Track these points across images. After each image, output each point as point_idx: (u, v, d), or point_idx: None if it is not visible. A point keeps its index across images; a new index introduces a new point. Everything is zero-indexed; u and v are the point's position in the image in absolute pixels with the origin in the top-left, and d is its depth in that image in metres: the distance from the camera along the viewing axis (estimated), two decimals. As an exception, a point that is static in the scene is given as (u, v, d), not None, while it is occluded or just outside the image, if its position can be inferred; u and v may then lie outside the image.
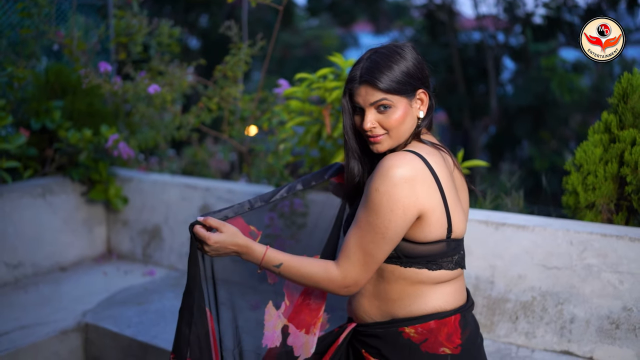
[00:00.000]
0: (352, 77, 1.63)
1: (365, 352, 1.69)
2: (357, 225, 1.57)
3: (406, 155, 1.55)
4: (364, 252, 1.56)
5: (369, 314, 1.70)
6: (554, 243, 2.43)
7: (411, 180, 1.52)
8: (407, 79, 1.60)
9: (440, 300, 1.64)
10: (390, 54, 1.61)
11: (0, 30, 4.14)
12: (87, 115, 3.91)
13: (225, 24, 3.52)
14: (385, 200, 1.52)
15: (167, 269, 3.52)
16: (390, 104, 1.59)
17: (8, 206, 3.32)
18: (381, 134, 1.62)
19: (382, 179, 1.52)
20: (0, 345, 2.55)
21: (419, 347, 1.61)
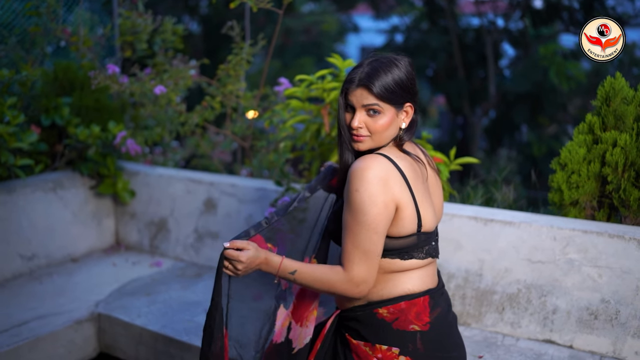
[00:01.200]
0: (350, 78, 1.80)
1: (348, 336, 1.89)
2: (348, 229, 1.73)
3: (375, 157, 1.75)
4: (363, 251, 1.72)
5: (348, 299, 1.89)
6: (538, 238, 2.59)
7: (384, 178, 1.72)
8: (399, 90, 1.77)
9: (409, 284, 1.84)
10: (388, 65, 1.78)
11: (10, 28, 4.27)
12: (95, 111, 4.04)
13: (228, 24, 3.65)
14: (367, 197, 1.69)
15: (173, 260, 3.68)
16: (380, 110, 1.77)
17: (21, 200, 3.48)
18: (365, 135, 1.80)
19: (359, 181, 1.70)
20: (21, 334, 2.72)
21: (390, 325, 1.81)
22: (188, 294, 3.13)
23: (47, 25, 4.17)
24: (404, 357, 1.79)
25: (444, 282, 2.73)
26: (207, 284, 3.28)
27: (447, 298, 1.93)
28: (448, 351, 1.85)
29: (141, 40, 4.16)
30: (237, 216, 3.50)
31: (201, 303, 3.02)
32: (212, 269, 3.52)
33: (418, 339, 1.80)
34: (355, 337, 1.87)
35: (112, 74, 3.27)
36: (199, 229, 3.65)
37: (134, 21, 4.00)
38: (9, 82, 3.62)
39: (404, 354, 1.79)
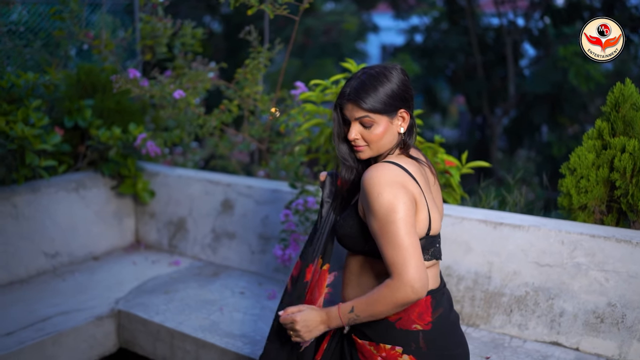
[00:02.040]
0: (342, 93, 1.88)
1: (354, 336, 1.95)
2: (383, 236, 1.74)
3: (387, 164, 1.81)
4: (405, 249, 1.71)
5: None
6: (546, 242, 2.63)
7: (401, 181, 1.78)
8: (389, 100, 1.82)
9: None
10: (377, 77, 1.84)
11: (35, 32, 4.40)
12: (116, 112, 4.16)
13: (245, 29, 3.73)
14: (392, 197, 1.73)
15: (191, 259, 3.78)
16: (372, 122, 1.83)
17: (45, 200, 3.60)
18: (363, 145, 1.88)
19: (378, 186, 1.75)
20: (45, 329, 2.84)
21: (394, 325, 1.86)
22: (205, 293, 3.22)
23: (71, 29, 4.30)
24: (407, 355, 1.84)
25: (454, 284, 2.80)
26: (223, 283, 3.37)
27: (449, 298, 1.98)
28: (450, 349, 1.90)
29: (161, 44, 4.27)
30: (254, 217, 3.59)
31: (217, 301, 3.11)
32: (229, 268, 3.61)
33: (421, 338, 1.85)
34: (360, 337, 1.92)
35: (133, 78, 3.37)
36: (217, 229, 3.75)
37: (154, 25, 4.10)
38: (33, 85, 3.74)
39: (407, 352, 1.84)
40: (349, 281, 1.98)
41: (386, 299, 1.74)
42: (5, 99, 3.71)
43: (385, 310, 1.76)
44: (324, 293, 2.04)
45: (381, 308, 1.75)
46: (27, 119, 3.47)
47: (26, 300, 3.13)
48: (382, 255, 1.76)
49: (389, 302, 1.74)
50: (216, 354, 2.70)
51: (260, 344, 2.67)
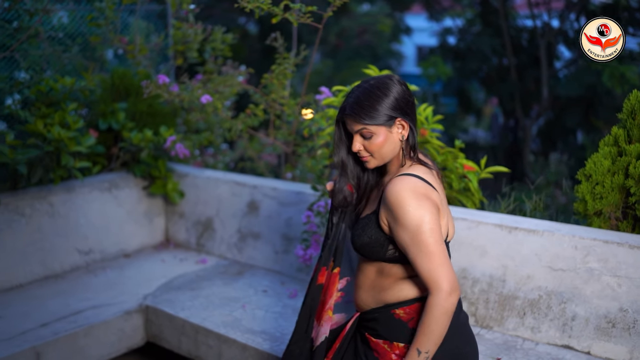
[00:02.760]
0: (341, 108, 1.98)
1: (367, 335, 2.04)
2: (415, 248, 1.82)
3: (408, 178, 1.89)
4: (439, 257, 1.81)
5: (366, 303, 2.05)
6: (560, 247, 2.68)
7: (424, 193, 1.87)
8: (384, 112, 1.90)
9: (422, 287, 1.96)
10: (371, 90, 1.92)
11: (73, 38, 4.60)
12: (148, 115, 4.32)
13: (272, 36, 3.85)
14: (420, 210, 1.82)
15: (218, 257, 3.91)
16: (371, 133, 1.91)
17: (80, 199, 3.77)
18: (366, 155, 1.97)
19: (404, 200, 1.83)
20: (77, 321, 2.99)
21: (407, 324, 1.94)
22: (229, 290, 3.34)
23: (106, 34, 4.48)
24: None
25: (469, 286, 2.87)
26: (247, 281, 3.48)
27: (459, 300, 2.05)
28: (460, 347, 1.98)
29: (192, 49, 4.41)
30: (278, 218, 3.70)
31: (240, 299, 3.23)
32: (253, 267, 3.73)
33: None
34: (374, 336, 2.01)
35: (162, 84, 3.51)
36: (242, 229, 3.87)
37: (185, 31, 4.25)
38: (70, 89, 3.92)
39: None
40: (364, 285, 2.06)
41: (439, 317, 1.80)
42: (44, 102, 3.90)
43: (444, 326, 1.81)
44: (336, 296, 2.12)
45: (440, 328, 1.81)
46: (64, 122, 3.64)
47: (60, 294, 3.30)
48: (414, 265, 1.84)
49: (442, 317, 1.80)
50: (237, 349, 2.82)
51: (279, 340, 2.78)
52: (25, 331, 2.88)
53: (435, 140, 3.38)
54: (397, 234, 1.86)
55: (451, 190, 3.28)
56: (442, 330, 1.81)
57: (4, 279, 3.36)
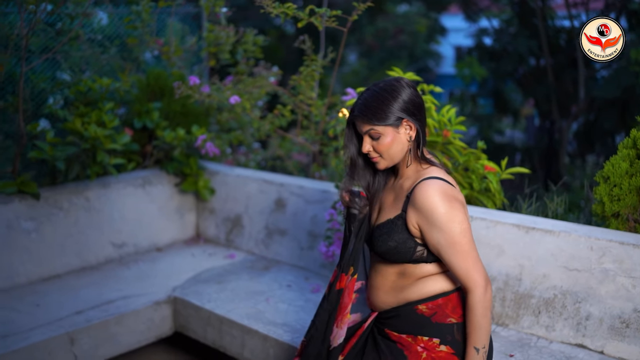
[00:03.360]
0: (351, 110, 2.07)
1: (387, 330, 2.11)
2: (451, 248, 1.93)
3: (434, 181, 1.98)
4: (472, 256, 1.95)
5: (387, 303, 2.12)
6: (576, 247, 2.72)
7: (452, 194, 1.97)
8: (391, 113, 1.98)
9: (443, 283, 2.06)
10: (379, 92, 2.00)
11: (111, 40, 4.79)
12: (181, 115, 4.48)
13: (300, 39, 3.96)
14: (452, 210, 1.93)
15: (246, 253, 4.03)
16: (378, 134, 1.99)
17: (114, 194, 3.94)
18: (376, 156, 2.05)
19: (440, 204, 1.93)
20: (109, 310, 3.16)
21: (430, 319, 2.03)
22: (254, 284, 3.46)
23: (143, 37, 4.65)
24: (444, 346, 2.01)
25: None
26: (273, 276, 3.60)
27: None
28: None
29: (224, 51, 4.56)
30: (303, 215, 3.81)
31: (265, 293, 3.34)
32: (279, 263, 3.84)
33: (455, 330, 2.02)
34: (395, 330, 2.08)
35: (193, 85, 3.66)
36: (269, 226, 3.99)
37: (217, 34, 4.39)
38: (107, 89, 4.10)
39: (444, 343, 2.01)
40: (382, 286, 2.13)
41: (484, 312, 1.93)
42: (82, 101, 4.09)
43: (489, 318, 1.95)
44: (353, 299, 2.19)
45: (487, 321, 1.95)
46: (100, 121, 3.82)
47: (94, 284, 3.47)
48: (449, 264, 1.96)
49: (486, 311, 1.94)
50: (259, 340, 2.94)
51: (299, 332, 2.89)
52: (60, 318, 3.05)
53: (458, 141, 3.43)
54: (430, 236, 1.96)
55: (472, 191, 3.33)
56: (489, 323, 1.95)
57: (42, 270, 3.55)
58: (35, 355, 2.80)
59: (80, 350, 2.95)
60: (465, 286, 1.96)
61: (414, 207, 1.98)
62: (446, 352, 2.01)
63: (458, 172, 3.36)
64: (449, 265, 1.97)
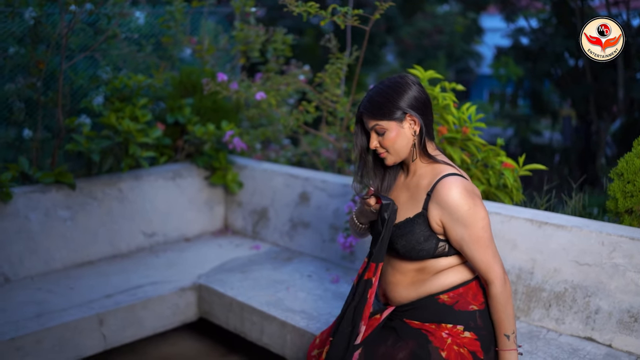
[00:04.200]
0: (358, 107, 2.15)
1: (407, 320, 2.17)
2: (475, 242, 2.03)
3: (455, 178, 2.05)
4: (492, 250, 2.05)
5: (407, 298, 2.18)
6: (587, 242, 2.76)
7: (473, 190, 2.06)
8: (393, 108, 2.05)
9: (462, 273, 2.14)
10: (383, 89, 2.09)
11: (147, 38, 4.99)
12: (212, 111, 4.64)
13: (325, 37, 4.07)
14: (475, 206, 2.01)
15: (271, 244, 4.17)
16: (383, 129, 2.07)
17: (146, 186, 4.12)
18: (383, 151, 2.12)
19: (466, 200, 2.01)
20: (137, 294, 3.32)
21: (452, 307, 2.12)
22: (276, 274, 3.59)
23: (177, 36, 4.83)
24: (468, 332, 2.09)
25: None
26: (295, 267, 3.71)
27: None
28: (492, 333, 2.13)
29: (254, 49, 4.70)
30: (326, 209, 3.92)
31: (285, 282, 3.47)
32: (302, 254, 3.96)
33: (477, 316, 2.11)
34: (414, 319, 2.15)
35: (221, 81, 3.80)
36: (294, 219, 4.11)
37: (247, 33, 4.53)
38: (141, 86, 4.29)
39: (467, 330, 2.09)
40: (401, 282, 2.17)
41: (507, 301, 2.05)
42: (118, 97, 4.28)
43: (512, 305, 2.08)
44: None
45: (511, 308, 2.07)
46: (134, 116, 4.00)
47: (125, 271, 3.65)
48: (471, 258, 2.05)
49: (509, 299, 2.06)
50: (277, 326, 3.06)
51: (315, 319, 3.00)
52: (91, 300, 3.23)
53: (477, 138, 3.49)
54: (454, 232, 2.04)
55: (490, 187, 3.39)
56: (513, 309, 2.08)
57: (77, 256, 3.74)
58: (66, 334, 2.98)
59: (108, 331, 3.13)
60: (486, 278, 2.05)
61: (437, 204, 2.05)
62: (470, 338, 2.08)
63: (478, 169, 3.43)
64: (470, 258, 2.05)
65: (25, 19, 3.94)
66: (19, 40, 4.10)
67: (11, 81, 4.36)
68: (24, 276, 3.53)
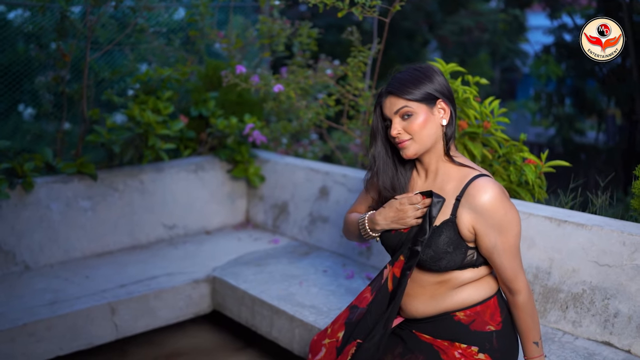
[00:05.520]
0: (380, 93, 2.00)
1: (416, 332, 2.06)
2: (507, 250, 1.91)
3: (488, 180, 1.92)
4: (519, 257, 1.96)
5: (423, 313, 2.04)
6: (608, 242, 2.63)
7: (505, 193, 1.94)
8: (426, 89, 1.91)
9: (483, 290, 2.02)
10: (414, 71, 1.96)
11: (175, 32, 5.02)
12: (236, 104, 4.64)
13: (347, 30, 4.01)
14: (511, 211, 1.91)
15: (289, 239, 4.13)
16: (412, 112, 1.90)
17: (168, 179, 4.14)
18: (406, 139, 1.92)
19: (502, 204, 1.89)
20: (150, 285, 3.33)
21: (468, 327, 1.98)
22: (292, 268, 3.55)
23: (204, 30, 4.85)
24: (483, 354, 1.96)
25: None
26: (311, 261, 3.67)
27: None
28: (515, 346, 2.05)
29: (279, 43, 4.67)
30: (345, 203, 3.86)
31: (299, 276, 3.43)
32: (320, 249, 3.91)
33: (494, 338, 1.98)
34: (425, 333, 2.03)
35: (239, 73, 3.79)
36: (313, 213, 4.07)
37: (270, 26, 4.51)
38: (166, 79, 4.31)
39: (482, 351, 1.97)
40: (418, 295, 2.03)
41: (532, 309, 1.98)
42: (143, 90, 4.32)
43: (536, 312, 2.00)
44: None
45: (536, 316, 1.99)
46: (156, 108, 4.02)
47: (142, 262, 3.67)
48: (499, 265, 1.93)
49: (534, 308, 1.98)
50: (286, 320, 3.02)
51: (325, 314, 2.95)
52: (105, 289, 3.25)
53: (500, 133, 3.39)
54: (487, 238, 1.90)
55: (510, 183, 3.28)
56: (538, 317, 2.00)
57: (96, 246, 3.78)
58: (78, 322, 3.00)
59: (120, 321, 3.14)
60: (512, 287, 1.94)
61: (470, 209, 1.90)
62: None
63: (500, 165, 3.33)
64: (498, 266, 1.93)
65: (54, 13, 4.01)
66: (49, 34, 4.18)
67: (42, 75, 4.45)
68: (44, 264, 3.58)
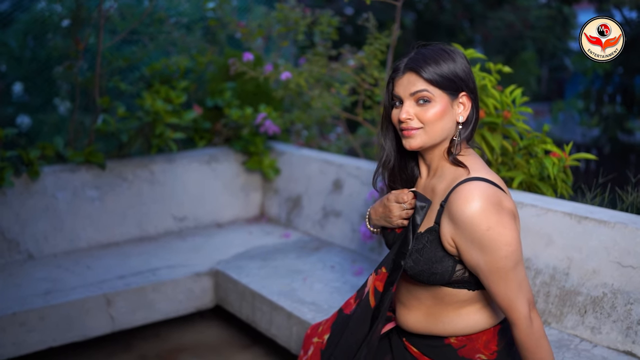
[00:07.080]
0: (396, 67, 1.67)
1: (405, 341, 1.86)
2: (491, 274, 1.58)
3: (476, 184, 1.59)
4: (514, 281, 1.58)
5: (414, 328, 1.82)
6: (632, 241, 2.39)
7: (499, 202, 1.58)
8: (452, 76, 1.62)
9: (486, 318, 1.75)
10: (438, 51, 1.65)
11: (196, 22, 4.93)
12: (254, 95, 4.51)
13: (363, 16, 3.83)
14: (498, 226, 1.55)
15: (301, 233, 3.98)
16: (430, 98, 1.61)
17: (179, 169, 4.04)
18: (416, 127, 1.63)
19: (484, 219, 1.54)
20: (149, 277, 3.22)
21: (456, 352, 1.73)
22: (298, 263, 3.40)
23: (223, 19, 4.74)
24: None
25: (531, 278, 2.67)
26: (320, 257, 3.51)
27: None
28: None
29: (299, 32, 4.52)
30: (358, 197, 3.69)
31: (305, 272, 3.27)
32: (331, 244, 3.75)
33: None
34: (416, 349, 1.82)
35: (246, 61, 3.65)
36: (326, 207, 3.91)
37: (287, 15, 4.36)
38: (183, 69, 4.22)
39: None
40: (415, 310, 1.81)
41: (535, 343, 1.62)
42: (159, 80, 4.23)
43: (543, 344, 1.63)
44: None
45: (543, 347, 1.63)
46: (168, 97, 3.92)
47: (146, 253, 3.57)
48: (488, 289, 1.62)
49: (538, 341, 1.62)
50: (284, 317, 2.87)
51: (324, 312, 2.78)
52: (103, 280, 3.16)
53: (522, 123, 3.17)
54: (469, 257, 1.60)
55: (531, 177, 3.06)
56: (547, 346, 1.63)
57: (102, 236, 3.71)
58: (71, 313, 2.92)
59: (117, 313, 3.05)
60: (508, 317, 1.63)
61: (449, 219, 1.60)
62: None
63: (523, 158, 3.11)
64: (488, 291, 1.63)
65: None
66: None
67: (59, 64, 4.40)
68: (48, 254, 3.52)
